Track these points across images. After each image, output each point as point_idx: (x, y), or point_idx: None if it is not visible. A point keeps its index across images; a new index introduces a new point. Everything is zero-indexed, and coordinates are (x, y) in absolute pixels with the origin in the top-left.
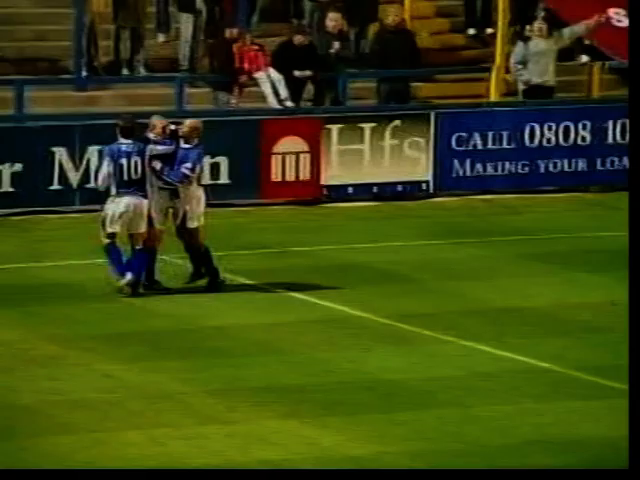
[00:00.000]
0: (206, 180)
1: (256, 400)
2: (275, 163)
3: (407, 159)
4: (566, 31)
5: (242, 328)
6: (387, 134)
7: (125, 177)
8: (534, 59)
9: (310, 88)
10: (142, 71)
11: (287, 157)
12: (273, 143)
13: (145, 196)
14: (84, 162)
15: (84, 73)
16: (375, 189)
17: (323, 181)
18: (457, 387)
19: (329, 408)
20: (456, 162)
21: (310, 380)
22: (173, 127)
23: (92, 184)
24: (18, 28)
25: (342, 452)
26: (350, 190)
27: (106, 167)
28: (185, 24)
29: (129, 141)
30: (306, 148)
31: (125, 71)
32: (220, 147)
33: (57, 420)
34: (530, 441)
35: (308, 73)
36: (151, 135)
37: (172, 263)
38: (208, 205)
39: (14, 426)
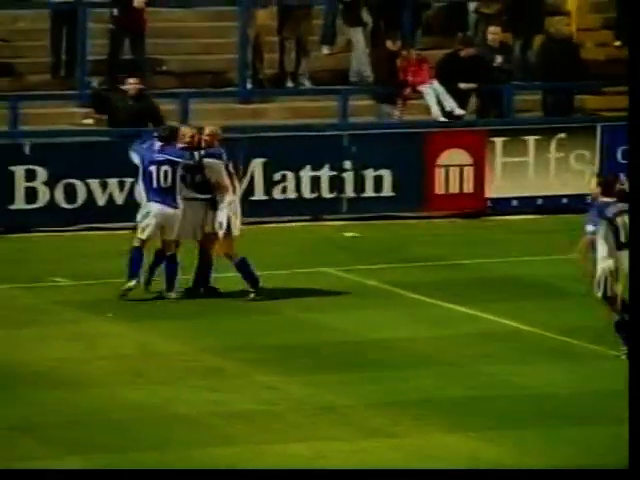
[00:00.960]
0: (369, 192)
1: (419, 413)
2: (439, 176)
3: (572, 172)
4: None
5: (404, 341)
6: (552, 147)
7: (155, 185)
8: None
9: (475, 101)
10: (307, 83)
11: (451, 170)
12: (437, 156)
13: (175, 206)
14: (249, 174)
15: (249, 86)
16: (539, 202)
17: (487, 194)
18: (623, 402)
19: (494, 421)
20: (622, 175)
21: (474, 393)
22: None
23: (256, 196)
24: (183, 42)
25: (507, 466)
26: (514, 203)
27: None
28: (355, 37)
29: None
30: (470, 161)
31: (289, 83)
32: (384, 160)
33: (218, 431)
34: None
35: (473, 85)
36: (180, 145)
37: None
38: (372, 217)
39: (173, 437)
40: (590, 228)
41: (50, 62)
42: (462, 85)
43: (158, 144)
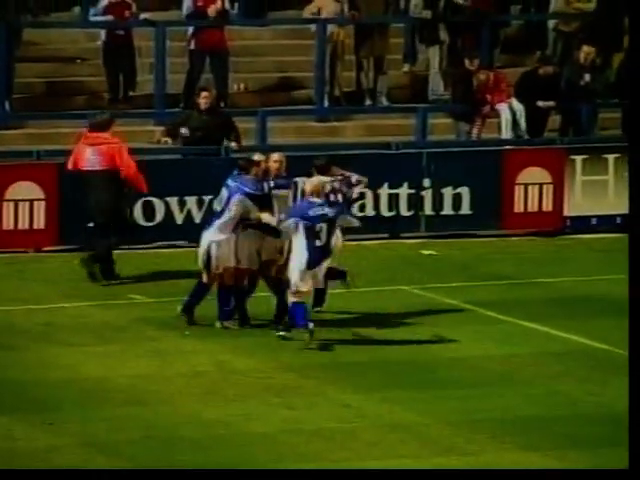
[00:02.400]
0: (447, 211)
1: (495, 432)
2: (518, 194)
3: None
4: None
5: (479, 359)
6: None
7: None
8: None
9: (555, 119)
10: (384, 101)
11: (530, 188)
12: (516, 174)
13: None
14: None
15: (326, 103)
16: (619, 220)
17: (566, 212)
18: None
19: (570, 441)
20: None
21: (550, 412)
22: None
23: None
24: (260, 59)
25: None
26: (594, 221)
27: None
28: (433, 55)
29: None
30: (549, 179)
31: (367, 101)
32: (462, 177)
33: (294, 450)
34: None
35: (551, 104)
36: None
37: None
38: (450, 235)
39: (249, 455)
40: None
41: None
42: (540, 103)
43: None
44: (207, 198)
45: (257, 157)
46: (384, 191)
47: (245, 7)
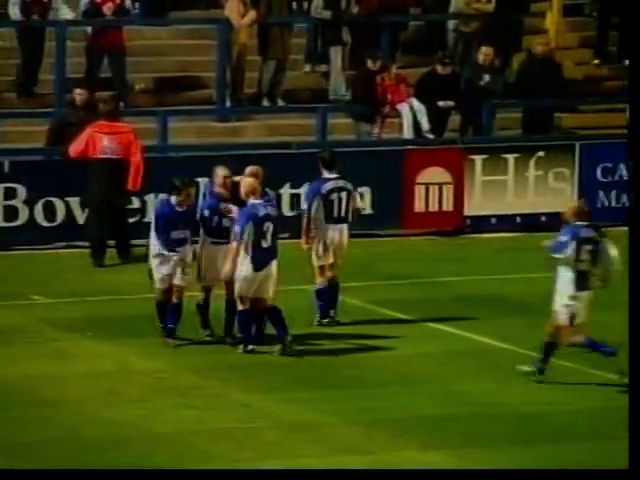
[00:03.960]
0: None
1: (395, 431)
2: (418, 193)
3: (551, 190)
4: None
5: (380, 358)
6: (531, 165)
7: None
8: None
9: (455, 118)
10: (280, 102)
11: (430, 188)
12: (416, 173)
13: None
14: None
15: (227, 104)
16: (518, 220)
17: (466, 212)
18: (599, 419)
19: (468, 440)
20: (601, 193)
21: (449, 411)
22: (237, 179)
23: None
24: (161, 59)
25: None
26: (493, 221)
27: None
28: (334, 56)
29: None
30: (449, 179)
31: (266, 102)
32: (363, 178)
33: (197, 449)
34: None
35: (451, 103)
36: (216, 189)
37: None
38: (352, 235)
39: (154, 454)
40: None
41: (18, 80)
42: (440, 103)
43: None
44: None
45: (221, 171)
46: (285, 191)
47: (146, 7)
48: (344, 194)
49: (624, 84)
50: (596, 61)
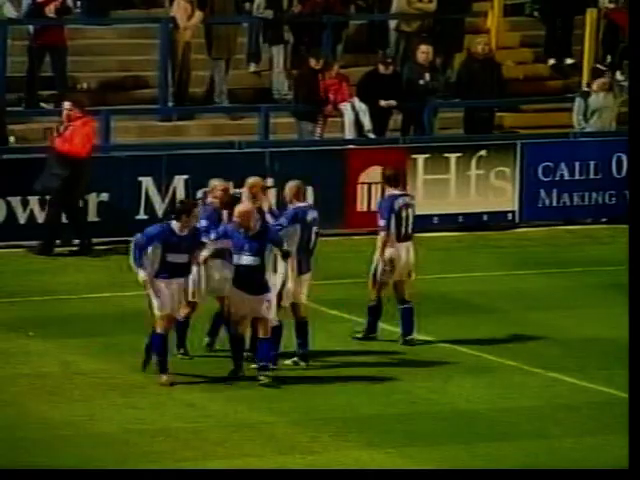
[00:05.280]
0: None
1: (338, 430)
2: (360, 193)
3: (493, 189)
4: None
5: (323, 357)
6: (473, 164)
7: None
8: (597, 114)
9: (397, 118)
10: (225, 101)
11: (373, 187)
12: (359, 173)
13: None
14: (170, 192)
15: (170, 103)
16: (460, 219)
17: None
18: (539, 418)
19: (410, 438)
20: (542, 192)
21: (391, 410)
22: (238, 191)
23: None
24: (103, 59)
25: None
26: (435, 220)
27: None
28: (276, 55)
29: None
30: None
31: (212, 100)
32: (305, 177)
33: (141, 449)
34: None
35: (393, 103)
36: (209, 199)
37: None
38: None
39: (97, 454)
40: (382, 223)
41: None
42: (382, 102)
43: None
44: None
45: (219, 183)
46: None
47: (88, 5)
48: (410, 211)
49: (565, 83)
50: (552, 61)
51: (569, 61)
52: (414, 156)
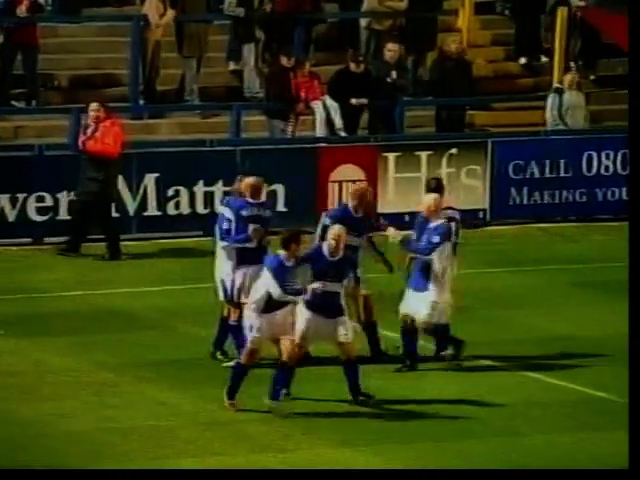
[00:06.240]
0: None
1: (309, 429)
2: (332, 191)
3: (464, 187)
4: None
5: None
6: (444, 162)
7: None
8: (569, 112)
9: (367, 116)
10: (196, 99)
11: (344, 185)
12: (330, 171)
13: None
14: (141, 190)
15: (141, 102)
16: None
17: (379, 209)
18: (512, 416)
19: (383, 436)
20: (513, 190)
21: (364, 408)
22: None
23: (149, 211)
24: (75, 57)
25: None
26: (406, 218)
27: None
28: (248, 54)
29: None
30: (362, 176)
31: (183, 99)
32: (277, 175)
33: (112, 448)
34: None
35: (364, 101)
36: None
37: None
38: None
39: (68, 453)
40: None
41: None
42: (353, 101)
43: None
44: (21, 196)
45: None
46: (199, 188)
47: (60, 4)
48: (453, 224)
49: (535, 81)
50: (523, 60)
51: (543, 59)
52: (385, 154)
